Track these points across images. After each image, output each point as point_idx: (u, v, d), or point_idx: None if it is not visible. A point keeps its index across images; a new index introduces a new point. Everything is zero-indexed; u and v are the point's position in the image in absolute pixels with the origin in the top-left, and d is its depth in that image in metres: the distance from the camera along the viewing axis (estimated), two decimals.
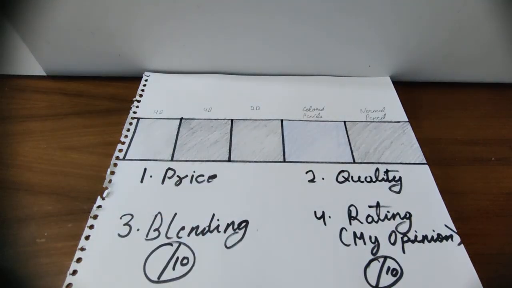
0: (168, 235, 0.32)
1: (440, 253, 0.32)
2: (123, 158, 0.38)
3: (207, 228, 0.33)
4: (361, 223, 0.34)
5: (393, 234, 0.33)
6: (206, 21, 0.42)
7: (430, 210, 0.35)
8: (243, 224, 0.33)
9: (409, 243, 0.32)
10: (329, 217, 0.34)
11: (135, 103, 0.44)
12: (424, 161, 0.39)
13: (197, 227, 0.33)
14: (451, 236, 0.33)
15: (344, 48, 0.46)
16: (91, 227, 0.32)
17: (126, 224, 0.33)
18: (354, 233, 0.33)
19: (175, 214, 0.34)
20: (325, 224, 0.34)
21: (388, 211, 0.35)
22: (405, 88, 0.49)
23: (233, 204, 0.35)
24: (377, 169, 0.38)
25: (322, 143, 0.41)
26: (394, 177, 0.38)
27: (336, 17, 0.42)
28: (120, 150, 0.39)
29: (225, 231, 0.33)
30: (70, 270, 0.29)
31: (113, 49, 0.46)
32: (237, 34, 0.44)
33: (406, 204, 0.35)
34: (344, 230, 0.33)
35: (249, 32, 0.44)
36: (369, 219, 0.34)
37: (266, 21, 0.42)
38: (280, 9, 0.41)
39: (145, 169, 0.37)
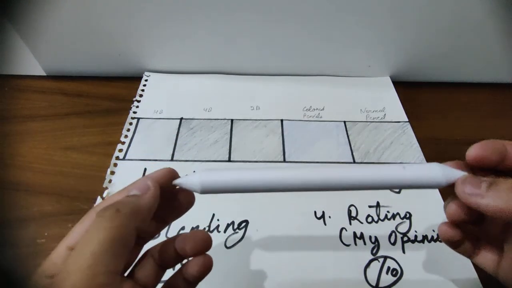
0: (168, 235, 0.32)
1: (440, 253, 0.32)
2: (123, 158, 0.38)
3: (207, 228, 0.33)
4: (361, 223, 0.34)
5: (393, 234, 0.33)
6: (206, 21, 0.42)
7: (430, 210, 0.35)
8: (243, 224, 0.33)
9: (409, 243, 0.32)
10: (329, 217, 0.34)
11: (135, 103, 0.44)
12: (424, 161, 0.39)
13: (197, 227, 0.33)
14: None
15: (344, 48, 0.46)
16: None
17: None
18: (354, 233, 0.33)
19: None
20: (325, 224, 0.34)
21: (388, 211, 0.35)
22: (405, 88, 0.49)
23: (233, 204, 0.35)
24: None
25: (322, 143, 0.41)
26: None
27: (336, 18, 0.42)
28: (120, 150, 0.39)
29: (225, 231, 0.33)
30: None
31: (113, 49, 0.46)
32: (237, 34, 0.44)
33: (406, 204, 0.35)
34: (344, 230, 0.33)
35: (249, 32, 0.44)
36: (369, 219, 0.34)
37: (266, 21, 0.43)
38: (280, 9, 0.41)
39: (145, 169, 0.37)
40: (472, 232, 0.23)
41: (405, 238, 0.33)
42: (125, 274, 0.20)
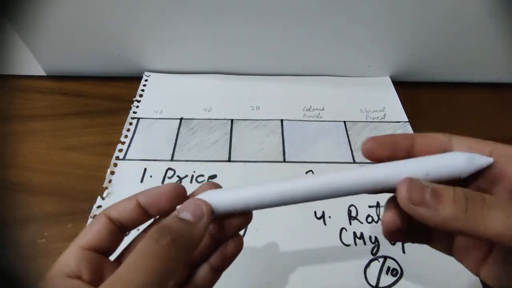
0: None
1: (440, 253, 0.32)
2: (123, 158, 0.38)
3: None
4: (361, 223, 0.34)
5: None
6: (206, 21, 0.42)
7: None
8: None
9: (409, 243, 0.32)
10: (329, 217, 0.34)
11: (135, 103, 0.44)
12: None
13: None
14: None
15: (344, 48, 0.46)
16: None
17: None
18: (354, 233, 0.33)
19: None
20: (325, 224, 0.34)
21: None
22: (405, 88, 0.49)
23: None
24: None
25: (322, 143, 0.41)
26: None
27: (336, 18, 0.42)
28: (120, 150, 0.39)
29: None
30: None
31: (113, 49, 0.46)
32: (237, 34, 0.44)
33: None
34: (344, 230, 0.33)
35: (249, 32, 0.44)
36: (369, 219, 0.34)
37: (266, 21, 0.42)
38: (280, 10, 0.41)
39: (145, 169, 0.37)
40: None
41: None
42: (112, 259, 0.20)
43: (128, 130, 0.41)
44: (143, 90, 0.46)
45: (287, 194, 0.19)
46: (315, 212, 0.34)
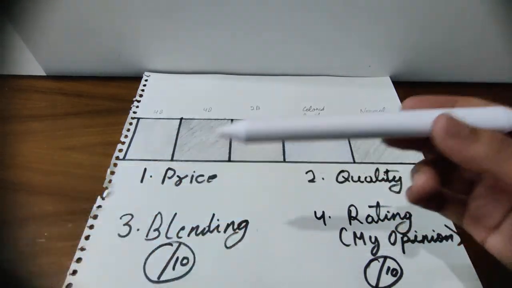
0: (168, 235, 0.32)
1: (440, 253, 0.32)
2: (123, 158, 0.38)
3: (207, 228, 0.33)
4: (361, 223, 0.34)
5: (393, 234, 0.33)
6: (206, 21, 0.42)
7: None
8: (243, 224, 0.33)
9: (409, 243, 0.32)
10: (329, 217, 0.34)
11: (135, 103, 0.44)
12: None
13: (197, 227, 0.33)
14: (451, 236, 0.33)
15: (344, 48, 0.46)
16: (91, 227, 0.32)
17: (126, 224, 0.33)
18: (354, 233, 0.33)
19: (175, 214, 0.34)
20: (325, 224, 0.34)
21: (388, 211, 0.35)
22: (405, 88, 0.49)
23: (233, 204, 0.35)
24: (377, 169, 0.38)
25: (322, 143, 0.41)
26: (394, 177, 0.38)
27: (336, 18, 0.42)
28: (120, 150, 0.39)
29: (225, 231, 0.33)
30: (70, 270, 0.29)
31: (113, 49, 0.46)
32: (237, 34, 0.44)
33: (406, 204, 0.35)
34: (344, 230, 0.33)
35: (249, 32, 0.44)
36: (369, 219, 0.34)
37: (266, 21, 0.43)
38: (280, 10, 0.41)
39: (145, 169, 0.37)
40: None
41: (405, 238, 0.33)
42: None
43: (128, 130, 0.41)
44: (143, 90, 0.46)
45: (319, 128, 0.20)
46: (315, 212, 0.34)
